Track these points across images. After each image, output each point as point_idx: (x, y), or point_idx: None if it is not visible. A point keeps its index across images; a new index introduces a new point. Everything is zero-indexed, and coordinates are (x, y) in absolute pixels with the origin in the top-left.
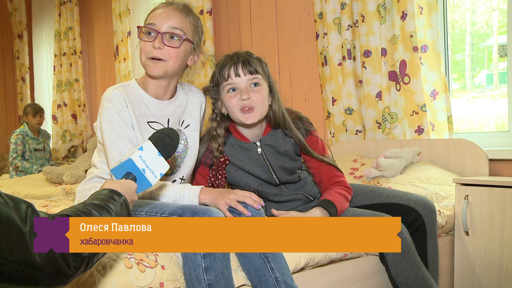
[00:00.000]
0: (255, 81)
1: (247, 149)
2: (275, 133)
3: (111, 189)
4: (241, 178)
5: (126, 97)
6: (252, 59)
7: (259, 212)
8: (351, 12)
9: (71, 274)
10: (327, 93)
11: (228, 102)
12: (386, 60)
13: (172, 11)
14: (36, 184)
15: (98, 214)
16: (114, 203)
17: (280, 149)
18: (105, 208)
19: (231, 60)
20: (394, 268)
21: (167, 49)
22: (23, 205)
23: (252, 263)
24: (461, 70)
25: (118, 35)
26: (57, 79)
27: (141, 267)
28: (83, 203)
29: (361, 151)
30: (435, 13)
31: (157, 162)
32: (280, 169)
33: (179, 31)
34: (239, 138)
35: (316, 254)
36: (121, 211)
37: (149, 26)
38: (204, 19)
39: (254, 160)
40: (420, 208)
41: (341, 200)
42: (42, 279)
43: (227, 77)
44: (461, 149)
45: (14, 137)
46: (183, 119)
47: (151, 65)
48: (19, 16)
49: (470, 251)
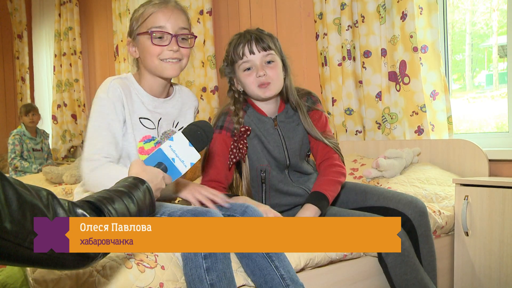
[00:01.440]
0: (269, 58)
1: (265, 122)
2: (288, 111)
3: (135, 176)
4: (254, 150)
5: (123, 90)
6: (264, 35)
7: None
8: (351, 12)
9: (94, 256)
10: (327, 93)
11: (245, 80)
12: (386, 60)
13: (176, 12)
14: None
15: (120, 200)
16: (137, 189)
17: (294, 124)
18: (128, 195)
19: (244, 38)
20: (393, 271)
21: (181, 49)
22: (43, 192)
23: (256, 263)
24: (461, 70)
25: (118, 35)
26: (57, 79)
27: (141, 267)
28: (106, 190)
29: (361, 151)
30: (435, 14)
31: (188, 152)
32: (293, 149)
33: (187, 30)
34: (257, 111)
35: (315, 254)
36: (144, 198)
37: (161, 30)
38: (204, 19)
39: (270, 134)
40: (409, 211)
41: (332, 188)
42: (68, 261)
43: (242, 55)
44: (461, 150)
45: (12, 138)
46: (178, 121)
47: (168, 66)
48: (19, 16)
49: (470, 251)
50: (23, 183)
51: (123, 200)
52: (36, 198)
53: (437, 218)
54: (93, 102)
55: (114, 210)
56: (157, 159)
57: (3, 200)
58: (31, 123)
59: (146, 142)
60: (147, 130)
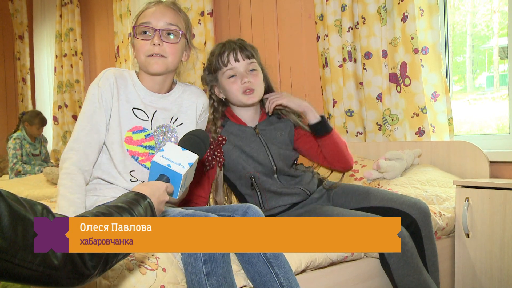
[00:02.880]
0: (252, 66)
1: (245, 131)
2: (270, 120)
3: (136, 191)
4: (238, 161)
5: (117, 79)
6: (247, 45)
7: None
8: (351, 14)
9: (89, 274)
10: (327, 94)
11: (230, 87)
12: (386, 62)
13: (165, 8)
14: (36, 185)
15: (120, 216)
16: (138, 205)
17: (277, 134)
18: (127, 210)
19: (228, 47)
20: (396, 272)
21: (166, 45)
22: (38, 206)
23: (256, 269)
24: (461, 72)
25: (119, 36)
26: (58, 80)
27: (142, 269)
28: (105, 205)
29: (362, 153)
30: (435, 15)
31: (182, 155)
32: (278, 154)
33: (175, 27)
34: (236, 122)
35: (316, 256)
36: (145, 214)
37: (145, 25)
38: (205, 20)
39: (252, 141)
40: (413, 212)
41: (340, 141)
42: (61, 279)
43: (227, 63)
44: (462, 151)
45: (12, 142)
46: (177, 117)
47: (152, 62)
48: (20, 17)
49: (470, 253)
50: (17, 197)
51: (122, 217)
52: (29, 213)
53: (438, 220)
54: (88, 89)
55: None
56: (156, 173)
57: None
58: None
59: (136, 133)
60: (139, 121)
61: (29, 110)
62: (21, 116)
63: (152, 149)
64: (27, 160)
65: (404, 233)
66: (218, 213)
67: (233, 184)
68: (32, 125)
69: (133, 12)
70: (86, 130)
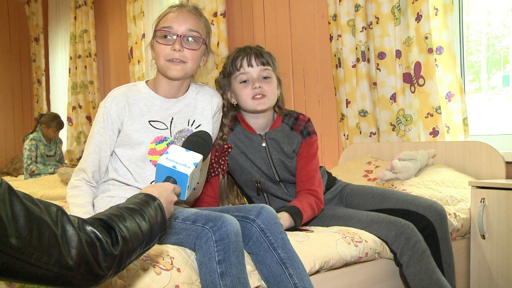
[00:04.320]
0: (266, 73)
1: (252, 140)
2: (283, 129)
3: (146, 193)
4: (244, 166)
5: (127, 97)
6: (264, 52)
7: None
8: (365, 14)
9: (103, 274)
10: (341, 95)
11: (241, 92)
12: (400, 62)
13: (187, 14)
14: (51, 185)
15: (132, 218)
16: (148, 207)
17: (284, 146)
18: (139, 212)
19: (243, 52)
20: (407, 270)
21: (186, 51)
22: (53, 208)
23: (270, 269)
24: (476, 71)
25: (133, 37)
26: (72, 81)
27: (157, 269)
28: (117, 207)
29: (375, 153)
30: (450, 15)
31: (187, 156)
32: (281, 166)
33: (196, 33)
34: (245, 128)
35: (330, 257)
36: (155, 215)
37: (167, 30)
38: (217, 21)
39: (257, 151)
40: (429, 214)
41: (309, 212)
42: (76, 280)
43: (239, 67)
44: (477, 152)
45: (28, 143)
46: (194, 119)
47: (172, 67)
48: (36, 20)
49: (486, 255)
50: (33, 198)
51: (134, 218)
52: (45, 214)
53: (453, 221)
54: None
55: (125, 228)
56: (162, 175)
57: (10, 215)
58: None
59: (158, 143)
60: (159, 131)
61: (47, 113)
62: (39, 118)
63: None
64: (42, 161)
65: (415, 232)
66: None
67: (240, 187)
68: (49, 128)
69: (147, 13)
70: (90, 150)
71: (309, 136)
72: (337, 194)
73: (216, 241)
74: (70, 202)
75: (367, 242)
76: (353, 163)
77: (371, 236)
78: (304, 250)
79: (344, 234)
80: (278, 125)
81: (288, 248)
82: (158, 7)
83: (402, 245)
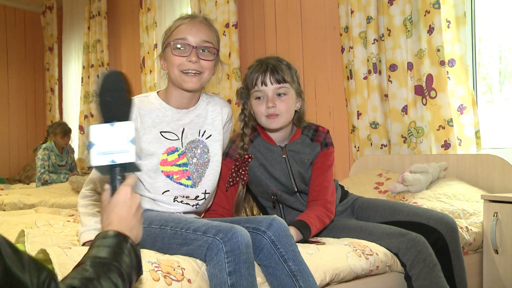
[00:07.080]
0: (281, 90)
1: (272, 151)
2: (304, 140)
3: (116, 232)
4: (262, 178)
5: (138, 109)
6: (281, 67)
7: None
8: (377, 26)
9: None
10: (352, 107)
11: (255, 108)
12: (412, 74)
13: (200, 25)
14: (62, 193)
15: (107, 278)
16: (122, 254)
17: (304, 157)
18: (114, 267)
19: (260, 68)
20: (417, 282)
21: (202, 62)
22: (44, 273)
23: (280, 282)
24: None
25: (145, 47)
26: (85, 90)
27: (168, 280)
28: (91, 263)
29: (386, 165)
30: (463, 27)
31: (116, 134)
32: (300, 177)
33: (210, 43)
34: (265, 139)
35: (341, 269)
36: (130, 261)
37: (181, 41)
38: (229, 32)
39: (277, 162)
40: (441, 227)
41: (317, 224)
42: None
43: (254, 85)
44: (490, 165)
45: (41, 153)
46: (205, 129)
47: (187, 79)
48: (50, 30)
49: (500, 270)
50: (21, 255)
51: (111, 279)
52: (27, 276)
53: (465, 235)
54: None
55: None
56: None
57: None
58: (65, 144)
59: (170, 154)
60: (170, 141)
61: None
62: (48, 128)
63: (185, 166)
64: (54, 170)
65: (427, 245)
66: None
67: (255, 196)
68: (56, 135)
69: (159, 24)
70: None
71: (326, 148)
72: (349, 206)
73: (227, 252)
74: (81, 211)
75: (378, 255)
76: (364, 175)
77: (382, 249)
78: (315, 263)
79: (355, 247)
80: (298, 137)
81: (299, 260)
82: (171, 18)
83: (413, 257)
